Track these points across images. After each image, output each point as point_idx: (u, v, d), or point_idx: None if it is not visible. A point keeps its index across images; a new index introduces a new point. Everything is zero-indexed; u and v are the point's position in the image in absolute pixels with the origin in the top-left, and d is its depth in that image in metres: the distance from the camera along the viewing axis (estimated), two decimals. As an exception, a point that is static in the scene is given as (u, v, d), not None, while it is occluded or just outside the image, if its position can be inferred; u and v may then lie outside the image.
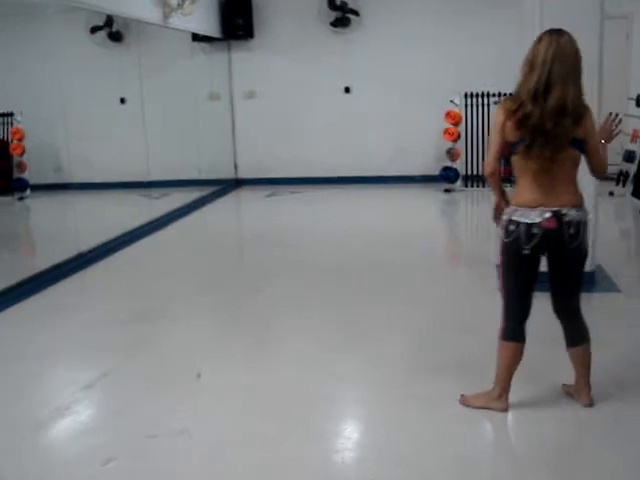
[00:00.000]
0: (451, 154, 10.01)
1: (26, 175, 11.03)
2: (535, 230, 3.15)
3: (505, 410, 3.41)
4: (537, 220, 3.14)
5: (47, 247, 7.97)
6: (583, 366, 3.44)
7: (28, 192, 11.06)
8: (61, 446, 3.44)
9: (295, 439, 3.33)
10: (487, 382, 3.46)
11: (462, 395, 3.54)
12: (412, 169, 10.59)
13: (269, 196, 10.46)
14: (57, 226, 9.21)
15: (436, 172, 10.23)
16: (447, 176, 10.09)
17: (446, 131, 9.99)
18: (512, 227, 3.19)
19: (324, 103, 10.77)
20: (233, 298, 5.63)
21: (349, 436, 3.43)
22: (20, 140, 10.93)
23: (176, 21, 8.70)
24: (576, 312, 3.41)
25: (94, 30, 10.62)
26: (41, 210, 10.75)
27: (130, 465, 3.16)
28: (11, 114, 11.03)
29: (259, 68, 10.97)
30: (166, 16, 8.45)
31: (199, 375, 4.06)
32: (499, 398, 3.41)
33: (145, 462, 3.19)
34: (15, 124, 11.01)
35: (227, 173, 11.39)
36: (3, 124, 11.17)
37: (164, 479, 3.06)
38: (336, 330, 4.71)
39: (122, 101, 11.29)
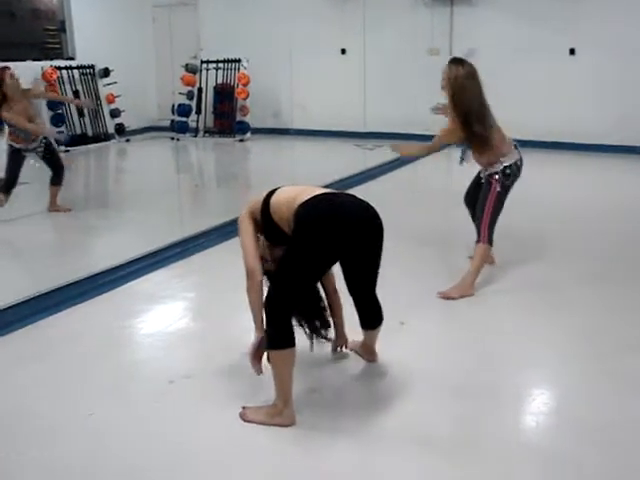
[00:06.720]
0: (681, 124, 9.35)
1: (248, 118, 11.65)
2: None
3: None
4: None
5: (261, 188, 8.36)
6: None
7: (248, 135, 11.69)
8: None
9: (490, 397, 3.38)
10: None
11: None
12: (635, 139, 10.02)
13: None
14: (272, 169, 9.64)
15: (661, 144, 9.64)
16: (675, 148, 9.47)
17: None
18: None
19: (545, 65, 10.36)
20: (441, 253, 5.70)
21: (546, 401, 3.42)
22: (245, 85, 11.52)
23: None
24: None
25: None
26: (259, 153, 11.27)
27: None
28: (239, 60, 11.64)
29: (481, 25, 10.72)
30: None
31: (402, 323, 4.18)
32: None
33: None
34: (241, 69, 11.61)
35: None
36: (231, 69, 11.82)
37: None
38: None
39: (343, 52, 11.54)
